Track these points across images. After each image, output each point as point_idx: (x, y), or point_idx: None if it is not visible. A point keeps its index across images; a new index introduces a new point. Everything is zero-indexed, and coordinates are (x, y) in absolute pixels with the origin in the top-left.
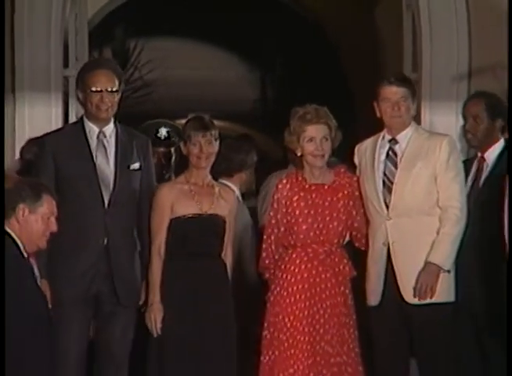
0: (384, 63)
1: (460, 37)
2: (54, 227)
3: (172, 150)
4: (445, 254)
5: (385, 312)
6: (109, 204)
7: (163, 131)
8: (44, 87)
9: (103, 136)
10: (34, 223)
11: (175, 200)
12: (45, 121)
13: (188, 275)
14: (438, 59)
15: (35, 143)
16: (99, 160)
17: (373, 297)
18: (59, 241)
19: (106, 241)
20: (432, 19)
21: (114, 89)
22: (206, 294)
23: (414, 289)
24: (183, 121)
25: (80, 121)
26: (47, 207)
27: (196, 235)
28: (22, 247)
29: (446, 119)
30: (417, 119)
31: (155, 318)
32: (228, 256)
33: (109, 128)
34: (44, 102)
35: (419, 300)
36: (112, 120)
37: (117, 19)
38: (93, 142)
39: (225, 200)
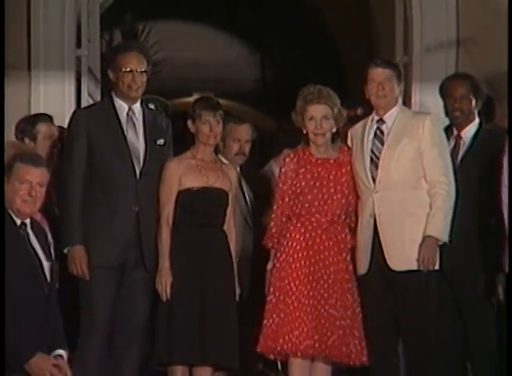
0: (377, 47)
1: (449, 22)
2: (38, 194)
3: None
4: (440, 227)
5: (372, 279)
6: (140, 175)
7: (151, 106)
8: (58, 66)
9: (132, 113)
10: (11, 192)
11: (183, 174)
12: (59, 98)
13: (193, 244)
14: (428, 42)
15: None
16: (130, 134)
17: (362, 266)
18: (94, 210)
19: (137, 209)
20: (423, 5)
21: (144, 70)
22: (210, 262)
23: (417, 261)
24: (187, 99)
25: (108, 98)
26: (21, 175)
27: (202, 206)
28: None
29: (435, 99)
30: (408, 99)
31: (165, 282)
32: (231, 229)
33: (137, 106)
34: (58, 80)
35: (422, 270)
36: (139, 99)
37: (127, 2)
38: (123, 118)
39: (227, 175)
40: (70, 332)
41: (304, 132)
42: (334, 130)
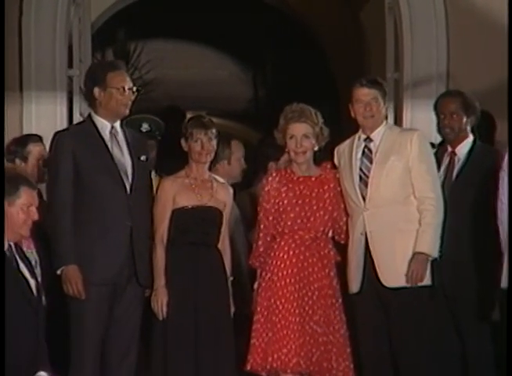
0: (368, 64)
1: (439, 39)
2: (35, 216)
3: (153, 142)
4: (430, 243)
5: (365, 297)
6: (130, 190)
7: (145, 125)
8: (49, 86)
9: (115, 131)
10: (14, 215)
11: (177, 193)
12: (51, 118)
13: (188, 263)
14: (419, 59)
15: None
16: (115, 152)
17: (354, 284)
18: (86, 229)
19: (130, 224)
20: (413, 23)
21: (133, 88)
22: (204, 281)
23: (406, 276)
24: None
25: (88, 118)
26: (25, 198)
27: (196, 225)
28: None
29: (426, 116)
30: (399, 116)
31: (161, 301)
32: (226, 248)
33: (118, 124)
34: (49, 100)
35: (410, 285)
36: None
37: (118, 22)
38: (106, 137)
39: (221, 194)
40: (60, 352)
41: (286, 150)
42: (316, 148)
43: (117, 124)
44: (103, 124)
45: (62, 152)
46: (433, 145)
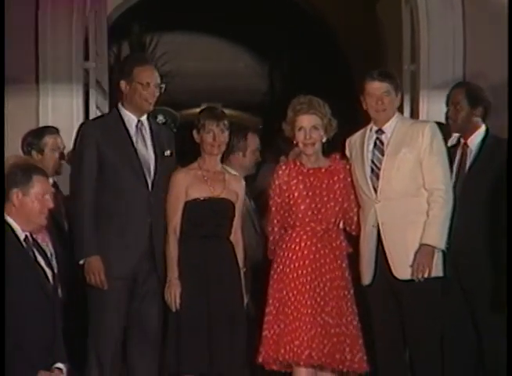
0: (385, 56)
1: (456, 30)
2: (50, 204)
3: None
4: (437, 235)
5: (378, 289)
6: (152, 186)
7: (160, 117)
8: (66, 79)
9: (141, 125)
10: (29, 204)
11: (190, 185)
12: (67, 111)
13: (200, 254)
14: (435, 51)
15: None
16: (140, 146)
17: (367, 276)
18: (107, 221)
19: (150, 220)
20: (429, 14)
21: (160, 84)
22: (216, 273)
23: (411, 267)
24: (196, 110)
25: (115, 111)
26: (39, 187)
27: (208, 217)
28: (19, 230)
29: (442, 107)
30: (415, 107)
31: (174, 293)
32: (238, 239)
33: (145, 119)
34: (66, 93)
35: (416, 278)
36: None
37: (134, 15)
38: (132, 130)
39: (234, 186)
40: (78, 344)
41: (295, 142)
42: (325, 140)
43: (144, 118)
44: (130, 118)
45: (86, 142)
46: (440, 125)
